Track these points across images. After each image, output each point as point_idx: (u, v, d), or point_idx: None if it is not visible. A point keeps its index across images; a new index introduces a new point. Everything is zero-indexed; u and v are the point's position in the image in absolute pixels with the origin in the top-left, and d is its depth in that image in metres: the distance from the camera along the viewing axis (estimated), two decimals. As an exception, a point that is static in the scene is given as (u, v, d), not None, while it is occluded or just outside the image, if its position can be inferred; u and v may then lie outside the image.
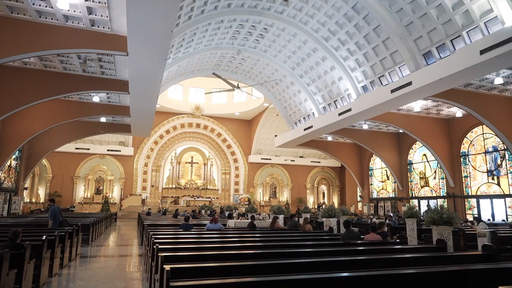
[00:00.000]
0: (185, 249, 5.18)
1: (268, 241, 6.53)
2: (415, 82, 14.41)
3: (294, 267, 3.89)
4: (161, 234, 7.78)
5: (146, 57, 11.58)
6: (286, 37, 19.47)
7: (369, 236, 7.09)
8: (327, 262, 4.15)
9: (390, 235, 7.01)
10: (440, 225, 6.19)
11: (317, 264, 4.06)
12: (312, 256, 4.82)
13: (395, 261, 4.46)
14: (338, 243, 6.31)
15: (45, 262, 5.91)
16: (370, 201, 30.34)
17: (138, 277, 6.99)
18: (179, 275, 3.09)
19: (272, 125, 33.73)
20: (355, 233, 7.11)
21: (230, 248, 5.51)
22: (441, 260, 4.56)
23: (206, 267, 3.58)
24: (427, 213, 15.67)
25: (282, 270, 3.81)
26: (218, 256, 4.48)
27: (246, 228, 10.11)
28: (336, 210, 10.05)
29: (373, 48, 16.76)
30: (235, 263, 3.78)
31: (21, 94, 13.97)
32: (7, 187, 20.08)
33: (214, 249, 5.32)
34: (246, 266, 3.72)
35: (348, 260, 4.33)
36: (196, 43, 18.49)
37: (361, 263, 4.30)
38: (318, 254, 4.94)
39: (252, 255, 4.76)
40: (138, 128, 22.33)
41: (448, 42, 13.59)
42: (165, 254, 3.74)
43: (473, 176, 21.91)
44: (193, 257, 4.26)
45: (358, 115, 18.73)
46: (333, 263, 4.13)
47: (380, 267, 4.20)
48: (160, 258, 3.37)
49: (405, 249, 5.51)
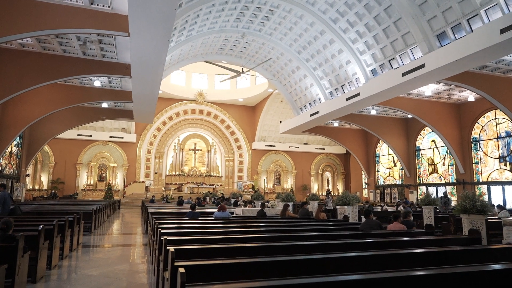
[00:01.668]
0: (196, 241, 4.73)
1: (282, 231, 6.08)
2: (428, 64, 13.82)
3: (323, 265, 3.46)
4: (168, 223, 7.35)
5: (148, 38, 11.05)
6: (292, 19, 18.81)
7: (392, 226, 6.61)
8: (354, 258, 3.69)
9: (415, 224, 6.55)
10: (472, 214, 5.74)
11: (344, 260, 3.61)
12: (334, 249, 4.38)
13: (434, 256, 3.97)
14: (358, 233, 5.87)
15: (43, 254, 5.50)
16: (376, 188, 29.94)
17: (144, 270, 6.60)
18: (194, 276, 2.67)
19: (276, 112, 33.18)
20: (375, 223, 6.68)
21: (245, 241, 5.05)
22: (481, 255, 4.11)
23: (222, 265, 3.13)
24: (443, 201, 15.33)
25: (307, 269, 3.40)
26: (233, 250, 4.03)
27: (256, 216, 9.73)
28: (351, 197, 9.63)
29: (383, 29, 16.12)
30: (255, 260, 3.33)
31: (19, 78, 13.51)
32: (9, 173, 19.77)
33: (226, 240, 4.88)
34: (267, 264, 3.30)
35: (378, 256, 3.85)
36: (200, 25, 17.88)
37: (394, 259, 3.84)
38: (343, 248, 4.47)
39: (268, 249, 4.30)
40: (141, 114, 21.87)
41: (464, 21, 12.96)
42: (175, 247, 3.29)
43: (484, 162, 21.37)
44: (206, 252, 3.80)
45: (367, 100, 18.16)
46: (361, 259, 3.68)
47: (417, 263, 3.75)
48: (170, 254, 2.93)
49: (435, 241, 5.05)
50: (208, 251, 3.88)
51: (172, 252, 2.92)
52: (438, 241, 5.08)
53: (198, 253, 3.71)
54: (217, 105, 34.48)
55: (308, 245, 4.47)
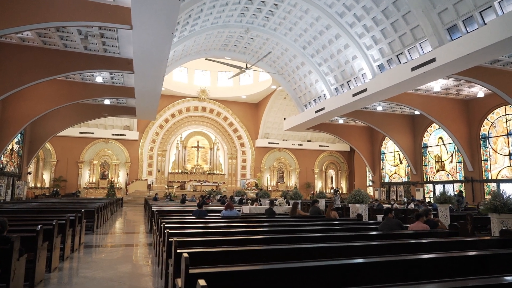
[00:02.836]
0: (208, 243, 4.36)
1: (296, 232, 5.69)
2: (439, 59, 13.44)
3: (350, 270, 3.12)
4: (174, 223, 6.98)
5: (152, 31, 10.70)
6: (297, 13, 18.43)
7: (414, 226, 6.18)
8: (380, 264, 3.32)
9: (440, 224, 6.13)
10: (503, 213, 5.37)
11: (368, 266, 3.26)
12: (353, 252, 4.02)
13: (470, 262, 3.60)
14: (378, 234, 5.49)
15: (41, 256, 5.14)
16: (381, 186, 29.55)
17: (149, 272, 6.25)
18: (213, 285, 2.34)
19: (279, 109, 32.79)
20: (395, 222, 6.32)
21: (260, 242, 4.66)
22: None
23: (241, 272, 2.79)
24: (456, 199, 14.94)
25: (326, 275, 3.07)
26: (252, 254, 3.64)
27: (264, 215, 9.39)
28: (364, 195, 9.27)
29: (391, 23, 15.73)
30: (278, 266, 2.99)
31: (19, 73, 13.21)
32: (10, 171, 19.51)
33: (244, 242, 4.50)
34: (288, 270, 2.96)
35: (407, 261, 3.44)
36: (203, 20, 17.53)
37: (423, 264, 3.46)
38: (364, 251, 4.11)
39: (289, 252, 3.92)
40: (143, 110, 21.53)
41: (476, 14, 12.57)
42: (186, 250, 2.95)
43: (494, 160, 20.95)
44: (222, 256, 3.43)
45: (374, 96, 17.79)
46: (385, 265, 3.31)
47: (452, 270, 3.36)
48: (184, 260, 2.58)
49: (464, 243, 4.67)
50: (223, 255, 3.52)
51: (186, 258, 2.59)
52: (467, 243, 4.69)
53: (213, 257, 3.36)
54: (220, 102, 34.13)
55: (328, 248, 4.12)
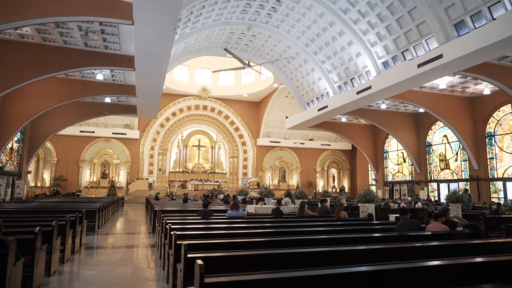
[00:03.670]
0: (221, 246, 4.07)
1: (310, 233, 5.40)
2: (446, 55, 13.18)
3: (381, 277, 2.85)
4: (179, 223, 6.69)
5: (153, 26, 10.45)
6: (300, 10, 18.16)
7: (432, 226, 5.80)
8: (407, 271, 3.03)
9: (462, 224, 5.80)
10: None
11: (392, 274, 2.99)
12: (378, 256, 3.73)
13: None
14: (394, 235, 5.22)
15: (40, 259, 4.87)
16: (385, 184, 29.27)
17: (153, 276, 6.00)
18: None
19: (281, 107, 32.53)
20: (413, 222, 6.01)
21: (275, 245, 4.37)
22: None
23: (261, 281, 2.53)
24: (465, 197, 14.67)
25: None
26: (274, 258, 3.36)
27: (271, 215, 9.13)
28: (374, 194, 8.99)
29: (397, 19, 15.48)
30: (302, 274, 2.72)
31: (18, 70, 12.95)
32: (10, 170, 19.27)
33: (260, 246, 4.21)
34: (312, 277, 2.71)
35: (437, 267, 3.21)
36: (205, 17, 17.28)
37: (459, 271, 3.16)
38: (384, 255, 3.82)
39: (308, 256, 3.65)
40: (145, 109, 21.30)
41: (485, 9, 12.31)
42: (200, 255, 2.70)
43: (500, 158, 20.67)
44: (238, 262, 3.15)
45: (379, 93, 17.53)
46: (417, 271, 3.03)
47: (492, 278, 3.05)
48: (199, 268, 2.29)
49: (491, 245, 4.38)
50: (243, 260, 3.19)
51: (201, 265, 2.32)
52: (495, 246, 4.38)
53: (228, 263, 3.08)
54: (221, 101, 33.87)
55: (351, 251, 3.85)
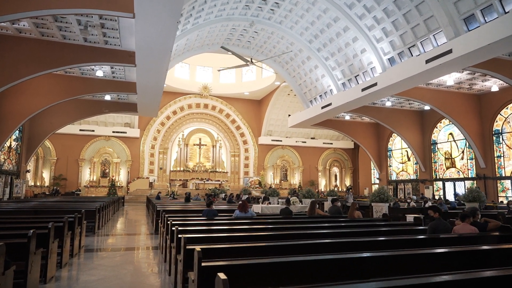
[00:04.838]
0: (239, 251, 3.73)
1: (334, 235, 4.96)
2: (456, 50, 12.82)
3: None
4: (186, 225, 6.26)
5: (155, 19, 10.09)
6: (304, 5, 17.80)
7: (460, 228, 5.25)
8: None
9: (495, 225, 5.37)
10: None
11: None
12: (418, 263, 3.31)
13: None
14: (425, 238, 4.75)
15: (34, 265, 4.49)
16: (389, 183, 28.92)
17: (158, 283, 5.65)
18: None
19: (283, 105, 32.17)
20: (443, 224, 5.40)
21: (302, 250, 3.97)
22: None
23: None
24: (483, 195, 14.30)
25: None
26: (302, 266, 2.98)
27: (280, 215, 8.77)
28: (388, 193, 8.63)
29: (404, 14, 15.12)
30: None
31: (16, 66, 12.60)
32: (8, 169, 18.92)
33: (283, 250, 3.84)
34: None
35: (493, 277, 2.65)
36: (207, 13, 16.92)
37: None
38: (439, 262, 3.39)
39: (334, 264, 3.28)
40: (145, 106, 20.94)
41: (496, 2, 11.96)
42: (219, 263, 2.33)
43: (508, 156, 20.31)
44: (267, 271, 2.79)
45: (385, 90, 17.17)
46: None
47: None
48: (222, 283, 1.95)
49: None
50: (267, 269, 2.82)
51: (225, 280, 1.96)
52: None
53: (251, 273, 2.70)
54: (222, 99, 33.51)
55: (374, 258, 3.50)
